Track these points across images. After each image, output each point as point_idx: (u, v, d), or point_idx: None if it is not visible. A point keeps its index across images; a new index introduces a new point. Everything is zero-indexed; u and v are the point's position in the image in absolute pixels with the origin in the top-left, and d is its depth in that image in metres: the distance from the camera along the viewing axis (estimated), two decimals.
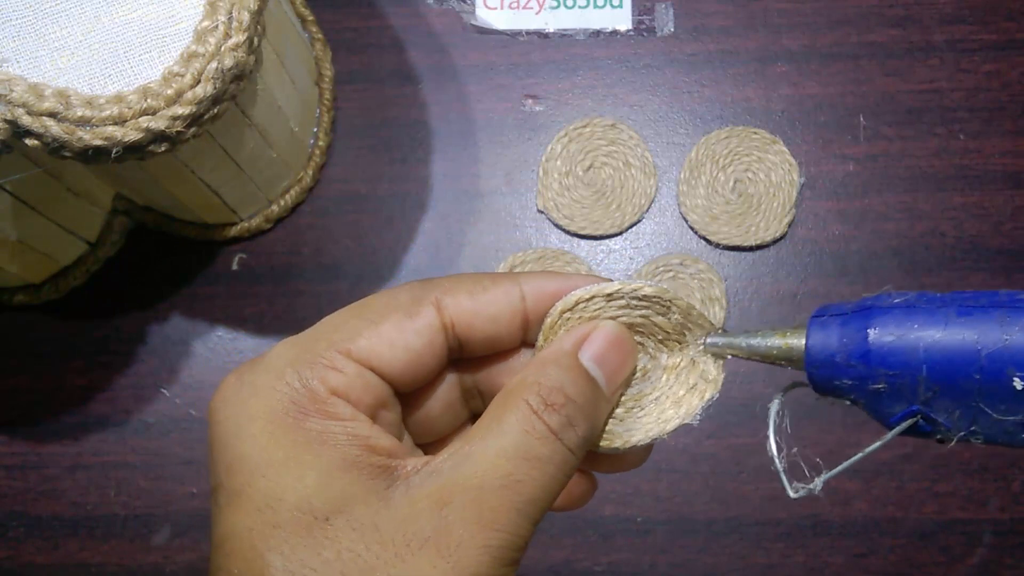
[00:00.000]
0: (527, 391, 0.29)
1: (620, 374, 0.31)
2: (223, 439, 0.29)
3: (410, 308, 0.30)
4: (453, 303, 0.31)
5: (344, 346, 0.29)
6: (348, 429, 0.29)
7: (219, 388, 0.30)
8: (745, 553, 0.56)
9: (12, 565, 0.57)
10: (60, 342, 0.59)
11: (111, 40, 0.42)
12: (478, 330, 0.31)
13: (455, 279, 0.32)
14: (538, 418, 0.29)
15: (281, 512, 0.28)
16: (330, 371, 0.29)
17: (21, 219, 0.51)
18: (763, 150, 0.60)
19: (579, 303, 0.31)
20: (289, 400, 0.29)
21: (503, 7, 0.63)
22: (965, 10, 0.62)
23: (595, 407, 0.30)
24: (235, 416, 0.29)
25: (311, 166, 0.60)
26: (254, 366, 0.30)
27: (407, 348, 0.30)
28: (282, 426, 0.28)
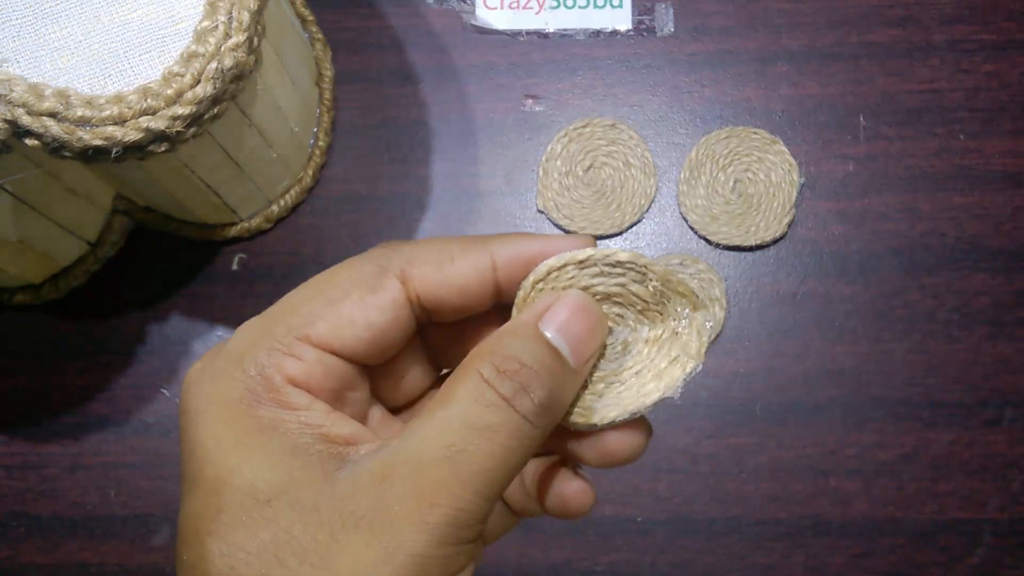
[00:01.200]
0: (480, 361, 0.28)
1: (587, 344, 0.29)
2: (185, 426, 0.29)
3: (373, 282, 0.29)
4: (419, 275, 0.29)
5: (303, 331, 0.29)
6: (301, 418, 0.28)
7: (186, 377, 0.30)
8: (745, 553, 0.56)
9: (12, 565, 0.57)
10: (60, 342, 0.59)
11: (111, 40, 0.42)
12: (446, 301, 0.30)
13: (422, 247, 0.30)
14: (488, 386, 0.27)
15: (225, 496, 0.27)
16: (287, 359, 0.28)
17: (21, 219, 0.51)
18: (763, 150, 0.60)
19: (551, 272, 0.29)
20: (244, 388, 0.28)
21: (503, 7, 0.63)
22: (965, 10, 0.62)
23: (556, 377, 0.28)
24: (195, 403, 0.29)
25: (311, 166, 0.60)
26: (218, 353, 0.29)
27: (369, 326, 0.29)
28: (235, 413, 0.28)
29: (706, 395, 0.57)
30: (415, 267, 0.29)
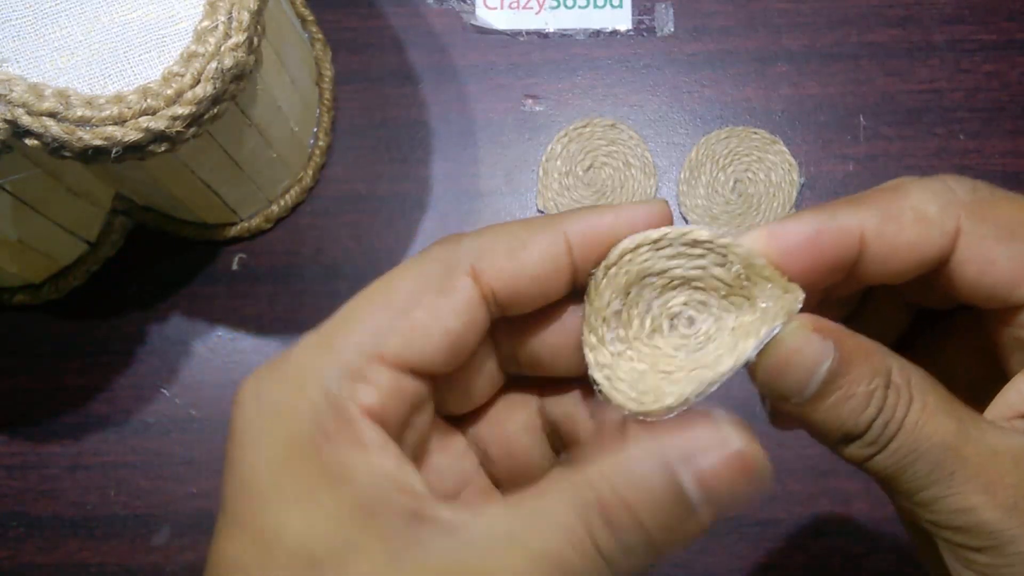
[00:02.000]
0: (592, 485, 0.23)
1: (733, 503, 0.24)
2: (238, 458, 0.26)
3: (443, 283, 0.26)
4: (491, 268, 0.26)
5: (375, 349, 0.25)
6: (373, 464, 0.25)
7: (238, 396, 0.26)
8: (745, 553, 0.56)
9: (12, 565, 0.56)
10: (60, 342, 0.59)
11: (111, 40, 0.42)
12: (522, 293, 0.26)
13: (489, 236, 0.27)
14: (588, 533, 0.23)
15: (275, 551, 0.24)
16: (361, 385, 0.25)
17: (21, 219, 0.51)
18: (763, 150, 0.60)
19: (624, 255, 0.26)
20: (312, 422, 0.25)
21: (503, 7, 0.63)
22: (965, 10, 0.62)
23: (673, 537, 0.24)
24: (250, 434, 0.26)
25: (311, 166, 0.60)
26: (274, 372, 0.26)
27: (446, 333, 0.26)
28: (301, 453, 0.25)
29: None
30: (485, 260, 0.26)
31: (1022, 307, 0.26)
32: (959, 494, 0.25)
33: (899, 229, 0.26)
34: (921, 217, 0.26)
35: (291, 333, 0.59)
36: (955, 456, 0.25)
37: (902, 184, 0.26)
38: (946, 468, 0.25)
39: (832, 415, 0.25)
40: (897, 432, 0.25)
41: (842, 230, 0.26)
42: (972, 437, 0.26)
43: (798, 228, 0.26)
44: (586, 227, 0.26)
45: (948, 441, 0.25)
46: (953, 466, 0.25)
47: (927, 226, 0.26)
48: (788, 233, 0.26)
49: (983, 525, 0.25)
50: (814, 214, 0.26)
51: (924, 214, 0.26)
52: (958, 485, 0.25)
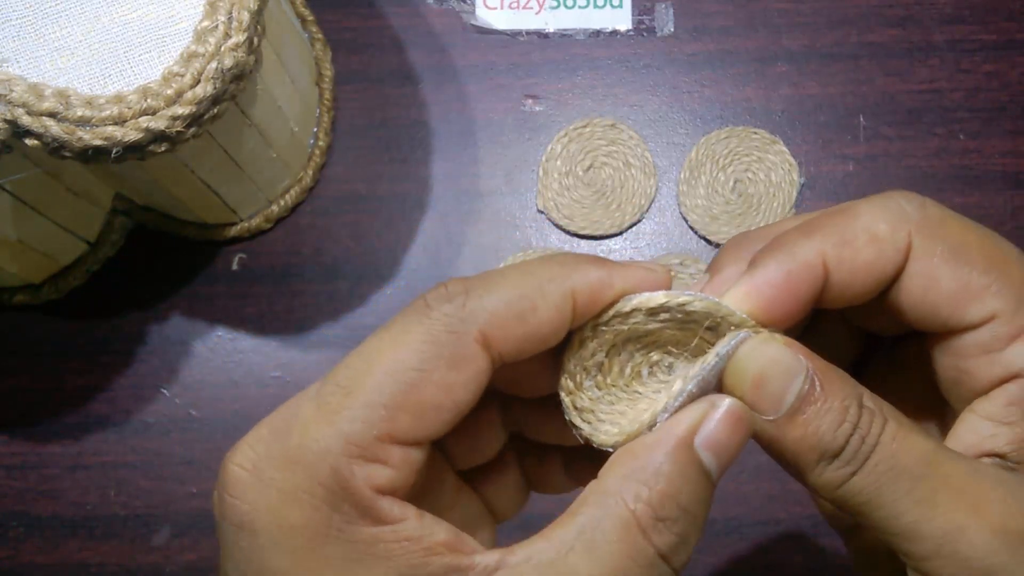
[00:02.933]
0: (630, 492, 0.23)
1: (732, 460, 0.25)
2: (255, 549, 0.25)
3: (453, 353, 0.25)
4: (502, 335, 0.25)
5: (386, 429, 0.24)
6: (400, 534, 0.24)
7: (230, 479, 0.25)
8: (745, 553, 0.56)
9: (12, 565, 0.56)
10: (60, 342, 0.59)
11: (111, 40, 0.42)
12: (527, 353, 0.26)
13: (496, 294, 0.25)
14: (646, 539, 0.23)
15: None
16: (373, 466, 0.24)
17: (21, 219, 0.51)
18: (763, 150, 0.60)
19: (617, 316, 0.26)
20: (329, 507, 0.24)
21: (503, 7, 0.63)
22: (965, 10, 0.62)
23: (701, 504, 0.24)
24: (267, 526, 0.24)
25: (311, 166, 0.60)
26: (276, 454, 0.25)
27: (456, 406, 0.25)
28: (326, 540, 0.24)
29: None
30: (496, 326, 0.25)
31: (963, 332, 0.26)
32: (944, 515, 0.24)
33: (855, 252, 0.26)
34: (874, 237, 0.26)
35: (291, 333, 0.59)
36: (936, 473, 0.24)
37: (852, 206, 0.26)
38: (928, 486, 0.24)
39: (810, 431, 0.25)
40: (875, 447, 0.24)
41: (808, 266, 0.25)
42: (951, 456, 0.25)
43: (770, 278, 0.25)
44: (593, 288, 0.26)
45: (928, 458, 0.24)
46: (935, 484, 0.24)
47: (881, 245, 0.26)
48: (763, 286, 0.25)
49: (972, 551, 0.24)
50: (775, 257, 0.26)
51: (876, 234, 0.26)
52: (943, 504, 0.24)
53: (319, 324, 0.59)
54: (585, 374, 0.27)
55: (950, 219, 0.26)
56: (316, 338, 0.59)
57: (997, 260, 0.25)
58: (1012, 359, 0.25)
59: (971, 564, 0.24)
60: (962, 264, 0.25)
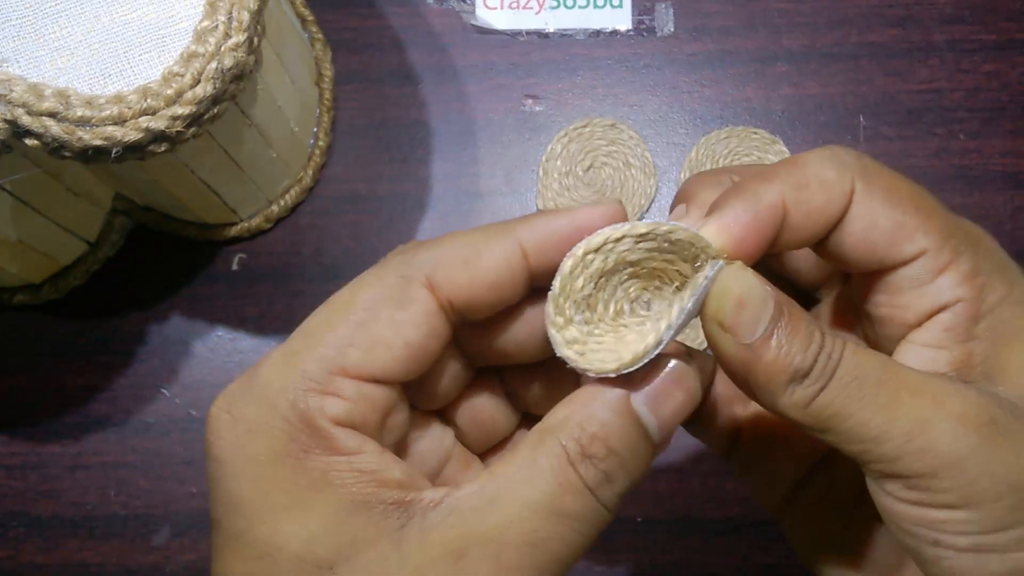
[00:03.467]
0: (565, 433, 0.26)
1: (675, 419, 0.27)
2: (222, 478, 0.27)
3: (400, 296, 0.27)
4: (447, 278, 0.27)
5: (336, 363, 0.27)
6: (354, 465, 0.26)
7: (210, 420, 0.27)
8: (745, 553, 0.56)
9: (12, 565, 0.57)
10: (60, 342, 0.59)
11: (111, 40, 0.42)
12: (479, 300, 0.28)
13: (444, 246, 0.28)
14: (573, 469, 0.26)
15: (281, 561, 0.25)
16: (327, 398, 0.26)
17: (21, 219, 0.51)
18: (763, 150, 0.60)
19: (607, 243, 0.27)
20: (288, 437, 0.26)
21: (503, 7, 0.63)
22: (965, 10, 0.62)
23: (639, 459, 0.27)
24: (232, 455, 0.26)
25: (311, 166, 0.60)
26: (244, 392, 0.27)
27: (406, 344, 0.27)
28: (283, 467, 0.26)
29: None
30: (440, 271, 0.27)
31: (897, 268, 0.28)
32: (908, 412, 0.26)
33: (810, 195, 0.28)
34: (824, 182, 0.28)
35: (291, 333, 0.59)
36: (896, 377, 0.26)
37: (800, 157, 0.29)
38: (890, 389, 0.26)
39: (781, 353, 0.26)
40: (839, 362, 0.26)
41: (772, 207, 0.27)
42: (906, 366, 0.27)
43: (739, 217, 0.27)
44: (541, 233, 0.28)
45: (887, 365, 0.27)
46: (897, 386, 0.26)
47: (830, 189, 0.28)
48: (733, 224, 0.27)
49: (938, 440, 0.25)
50: (743, 198, 0.28)
51: (826, 179, 0.28)
52: (906, 404, 0.26)
53: None
54: (575, 308, 0.28)
55: (884, 169, 0.29)
56: None
57: (924, 205, 0.28)
58: (940, 290, 0.28)
59: (939, 453, 0.25)
60: (896, 207, 0.28)
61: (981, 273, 0.28)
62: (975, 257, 0.28)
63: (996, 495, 0.25)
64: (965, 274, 0.28)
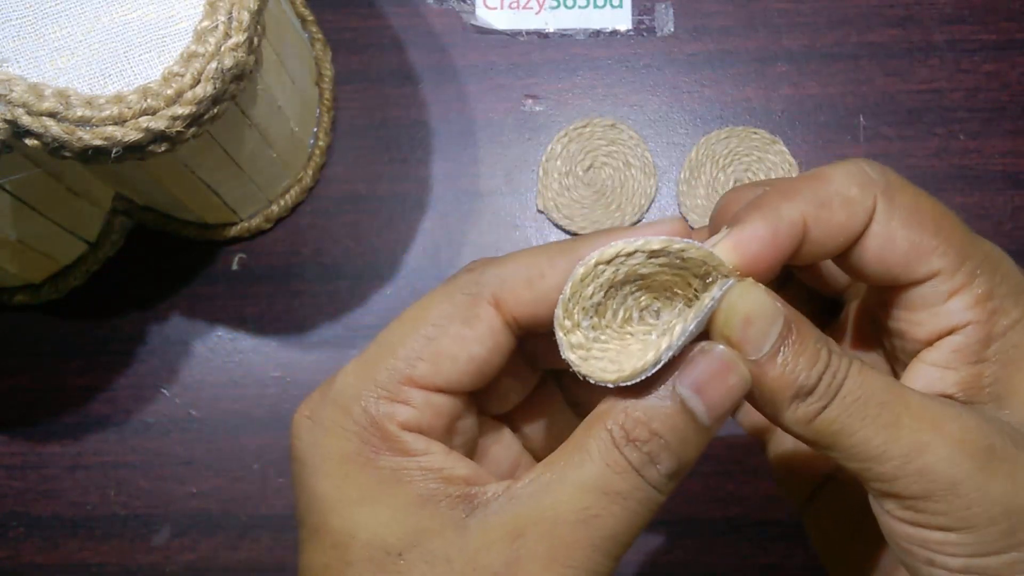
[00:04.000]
0: (611, 418, 0.27)
1: (726, 403, 0.28)
2: (302, 478, 0.29)
3: (467, 313, 0.29)
4: (512, 297, 0.29)
5: (405, 374, 0.29)
6: (422, 464, 0.28)
7: (293, 425, 0.30)
8: (745, 553, 0.56)
9: (12, 565, 0.57)
10: (60, 342, 0.59)
11: (111, 40, 0.42)
12: (542, 317, 0.29)
13: (510, 266, 0.29)
14: (619, 451, 0.27)
15: (353, 549, 0.27)
16: (397, 405, 0.29)
17: (21, 219, 0.51)
18: (763, 150, 0.60)
19: (619, 256, 0.28)
20: (359, 439, 0.28)
21: (503, 7, 0.63)
22: (965, 10, 0.62)
23: (687, 443, 0.28)
24: (311, 455, 0.29)
25: (311, 166, 0.60)
26: (323, 399, 0.29)
27: (471, 359, 0.29)
28: (355, 465, 0.28)
29: None
30: (507, 289, 0.29)
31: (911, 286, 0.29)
32: (908, 434, 0.26)
33: (831, 214, 0.28)
34: (846, 200, 0.28)
35: (291, 333, 0.59)
36: (899, 399, 0.27)
37: (824, 172, 0.29)
38: (892, 410, 0.27)
39: (786, 370, 0.27)
40: (844, 381, 0.27)
41: (792, 224, 0.28)
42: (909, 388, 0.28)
43: (758, 233, 0.28)
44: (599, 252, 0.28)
45: (891, 387, 0.27)
46: (899, 408, 0.27)
47: (852, 207, 0.28)
48: (752, 240, 0.28)
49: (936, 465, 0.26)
50: (762, 215, 0.28)
51: (848, 197, 0.28)
52: (907, 426, 0.26)
53: (319, 324, 0.59)
54: (583, 314, 0.28)
55: (907, 186, 0.29)
56: (316, 338, 0.59)
57: (944, 226, 0.29)
58: (951, 311, 0.28)
59: (936, 476, 0.26)
60: (914, 227, 0.28)
61: (996, 296, 0.28)
62: (991, 280, 0.28)
63: (990, 520, 0.26)
64: (978, 297, 0.28)
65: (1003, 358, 0.28)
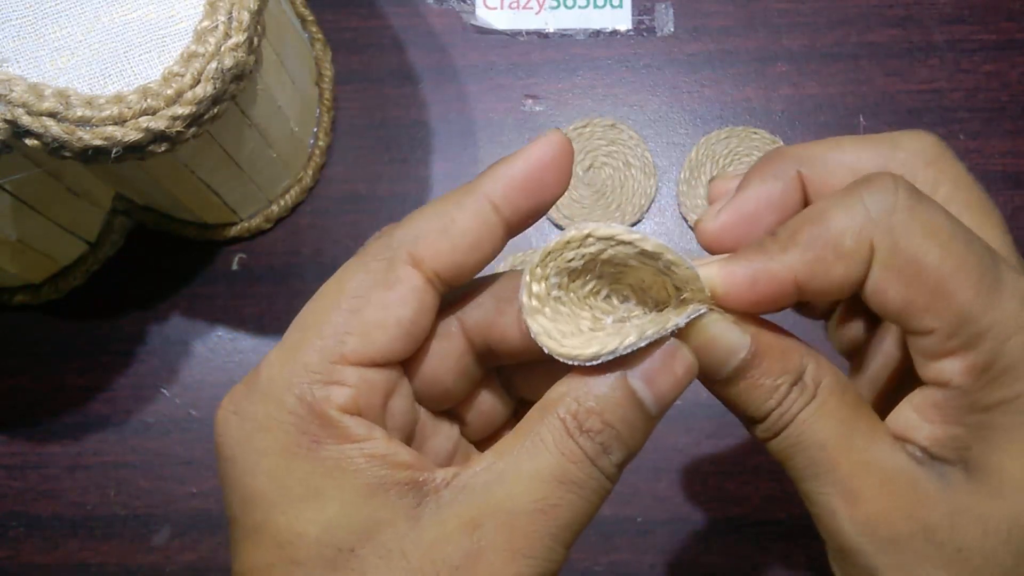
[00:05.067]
0: (563, 407, 0.27)
1: (672, 393, 0.28)
2: (235, 476, 0.27)
3: (387, 277, 0.28)
4: (429, 250, 0.28)
5: (336, 352, 0.27)
6: (365, 451, 0.27)
7: (218, 423, 0.28)
8: (745, 553, 0.56)
9: (12, 565, 0.57)
10: (60, 342, 0.59)
11: (111, 40, 0.42)
12: (463, 264, 0.29)
13: (418, 220, 0.28)
14: (573, 440, 0.27)
15: (302, 548, 0.26)
16: (332, 387, 0.27)
17: (21, 219, 0.51)
18: (763, 150, 0.60)
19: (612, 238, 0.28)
20: (297, 430, 0.27)
21: (503, 7, 0.63)
22: (965, 10, 0.62)
23: (636, 431, 0.28)
24: (242, 452, 0.27)
25: (311, 166, 0.60)
26: (250, 392, 0.28)
27: (399, 322, 0.28)
28: (296, 458, 0.27)
29: (706, 395, 0.57)
30: (421, 245, 0.28)
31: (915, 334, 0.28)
32: (824, 495, 0.28)
33: (825, 269, 0.27)
34: (841, 254, 0.27)
35: None
36: (828, 458, 0.28)
37: (823, 212, 0.28)
38: (819, 467, 0.28)
39: (740, 399, 0.29)
40: (789, 423, 0.28)
41: (775, 278, 0.28)
42: (854, 447, 0.28)
43: (740, 272, 0.28)
44: (504, 183, 0.29)
45: (827, 443, 0.28)
46: (824, 467, 0.28)
47: (847, 261, 0.27)
48: (733, 276, 0.28)
49: (839, 532, 0.28)
50: (753, 257, 0.28)
51: (843, 249, 0.27)
52: (828, 486, 0.28)
53: None
54: (556, 272, 0.29)
55: (916, 224, 0.27)
56: None
57: (947, 284, 0.27)
58: (941, 370, 0.28)
59: (839, 540, 0.28)
60: (910, 284, 0.27)
61: (996, 368, 0.27)
62: (997, 350, 0.27)
63: None
64: (973, 366, 0.27)
65: (983, 432, 0.27)
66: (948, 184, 0.30)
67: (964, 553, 0.27)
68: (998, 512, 0.27)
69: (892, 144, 0.30)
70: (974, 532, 0.27)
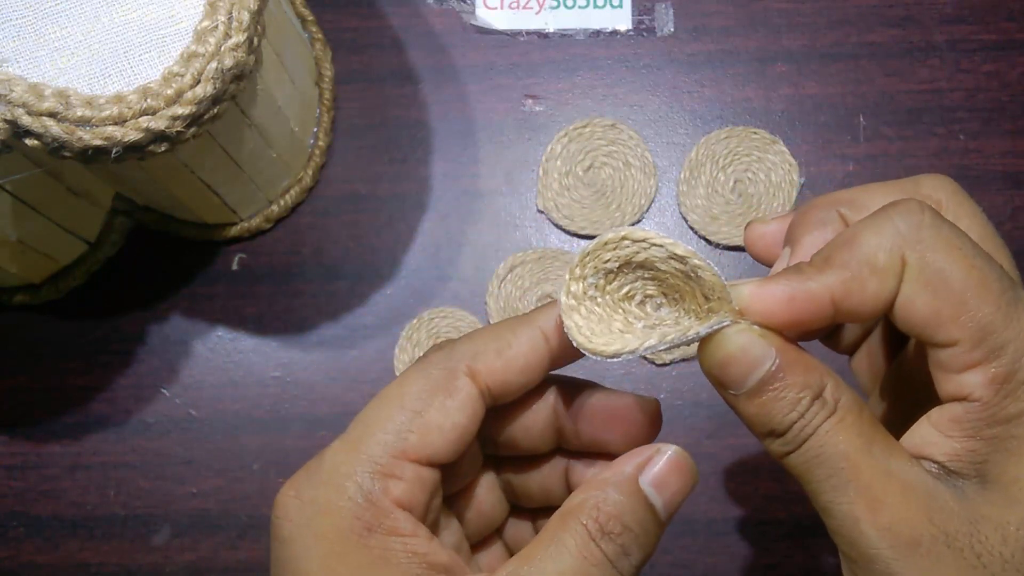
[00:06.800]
0: (585, 513, 0.29)
1: (679, 498, 0.31)
2: (290, 558, 0.30)
3: (447, 385, 0.31)
4: (485, 368, 0.31)
5: (398, 447, 0.30)
6: (409, 547, 0.29)
7: (278, 505, 0.31)
8: (745, 553, 0.56)
9: (12, 565, 0.57)
10: (60, 342, 0.59)
11: (111, 40, 0.42)
12: (511, 383, 0.32)
13: (478, 340, 0.32)
14: (595, 544, 0.29)
15: None
16: (390, 480, 0.30)
17: (21, 219, 0.51)
18: (763, 150, 0.60)
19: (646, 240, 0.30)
20: (353, 516, 0.29)
21: (503, 7, 0.63)
22: (965, 10, 0.62)
23: (650, 535, 0.31)
24: (300, 534, 0.30)
25: (311, 166, 0.60)
26: (312, 478, 0.30)
27: (455, 427, 0.31)
28: (348, 545, 0.29)
29: (706, 395, 0.57)
30: (479, 360, 0.31)
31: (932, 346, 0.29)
32: (847, 504, 0.29)
33: (861, 287, 0.29)
34: (875, 270, 0.29)
35: (291, 333, 0.59)
36: (850, 467, 0.29)
37: (856, 235, 0.29)
38: (842, 477, 0.29)
39: (762, 411, 0.29)
40: (810, 436, 0.29)
41: (813, 297, 0.29)
42: (874, 456, 0.29)
43: (779, 290, 0.29)
44: (558, 322, 0.31)
45: (849, 453, 0.29)
46: (847, 476, 0.29)
47: (882, 277, 0.29)
48: (771, 294, 0.29)
49: (860, 539, 0.28)
50: (789, 279, 0.29)
51: (876, 266, 0.29)
52: (849, 495, 0.28)
53: (319, 324, 0.59)
54: (594, 272, 0.31)
55: (942, 240, 0.29)
56: (316, 338, 0.59)
57: (972, 295, 0.28)
58: (962, 383, 0.29)
59: (859, 549, 0.29)
60: (937, 293, 0.28)
61: (1016, 380, 0.28)
62: (1016, 363, 0.28)
63: None
64: (995, 376, 0.28)
65: (1002, 444, 0.28)
66: (965, 218, 0.32)
67: (984, 559, 0.28)
68: (1016, 519, 0.28)
69: (915, 184, 0.33)
70: (993, 538, 0.28)
